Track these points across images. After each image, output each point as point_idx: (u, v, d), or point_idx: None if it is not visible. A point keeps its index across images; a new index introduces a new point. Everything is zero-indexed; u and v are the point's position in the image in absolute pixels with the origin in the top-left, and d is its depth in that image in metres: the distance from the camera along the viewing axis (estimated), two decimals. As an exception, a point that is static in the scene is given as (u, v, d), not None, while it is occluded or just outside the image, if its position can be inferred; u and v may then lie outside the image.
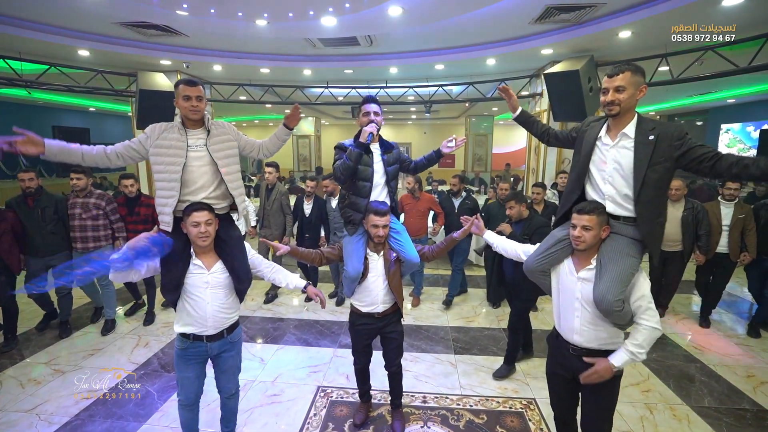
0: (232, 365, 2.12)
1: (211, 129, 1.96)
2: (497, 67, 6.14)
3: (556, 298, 1.84)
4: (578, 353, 1.74)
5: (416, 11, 4.17)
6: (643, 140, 1.57)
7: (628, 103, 1.59)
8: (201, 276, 1.92)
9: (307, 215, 4.45)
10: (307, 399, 2.81)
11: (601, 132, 1.70)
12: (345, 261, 2.27)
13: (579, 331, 1.72)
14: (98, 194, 3.69)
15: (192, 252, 1.93)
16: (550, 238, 1.85)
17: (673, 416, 2.63)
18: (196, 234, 1.83)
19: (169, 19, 4.38)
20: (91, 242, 3.62)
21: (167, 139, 1.87)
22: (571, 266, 1.74)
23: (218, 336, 2.00)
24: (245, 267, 2.06)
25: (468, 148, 13.62)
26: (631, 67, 1.58)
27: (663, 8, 3.79)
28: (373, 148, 2.29)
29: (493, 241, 2.16)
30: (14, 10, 4.22)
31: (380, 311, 2.31)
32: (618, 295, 1.55)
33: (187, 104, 1.86)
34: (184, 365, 2.01)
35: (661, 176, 1.56)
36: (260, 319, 4.16)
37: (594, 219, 1.61)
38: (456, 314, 4.28)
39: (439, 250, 2.36)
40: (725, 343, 3.66)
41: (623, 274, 1.58)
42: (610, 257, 1.62)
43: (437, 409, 2.70)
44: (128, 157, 1.89)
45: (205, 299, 1.92)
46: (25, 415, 2.60)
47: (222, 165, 1.94)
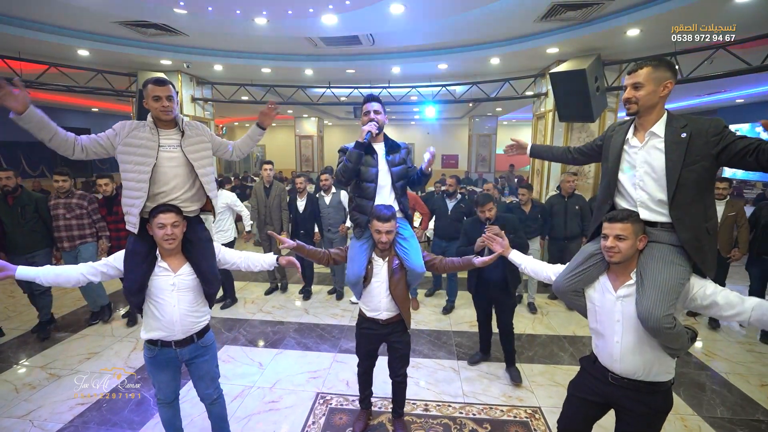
0: (207, 371, 2.06)
1: (186, 130, 1.90)
2: (501, 66, 6.05)
3: (593, 321, 1.66)
4: (619, 382, 1.55)
5: (418, 9, 4.10)
6: (675, 138, 1.43)
7: (647, 100, 1.48)
8: (167, 278, 1.87)
9: (301, 212, 4.48)
10: (306, 406, 2.74)
11: (628, 134, 1.58)
12: (348, 264, 2.22)
13: (620, 358, 1.53)
14: (80, 194, 3.74)
15: (158, 254, 1.88)
16: (580, 253, 1.69)
17: (684, 427, 2.54)
18: (162, 236, 1.79)
19: (168, 18, 4.33)
20: (78, 240, 3.70)
21: (137, 138, 1.81)
22: (608, 284, 1.56)
23: (188, 341, 1.95)
24: (213, 269, 2.00)
25: (471, 148, 13.54)
26: (653, 63, 1.47)
27: (671, 5, 3.70)
28: (377, 147, 2.22)
29: (520, 261, 1.95)
30: (13, 9, 4.18)
31: (384, 318, 2.23)
32: (667, 309, 1.36)
33: (157, 104, 1.80)
34: (156, 369, 1.98)
35: (701, 176, 1.41)
36: (260, 322, 4.10)
37: (629, 227, 1.45)
38: (459, 319, 4.20)
39: (452, 266, 2.21)
40: (737, 350, 3.55)
41: (670, 284, 1.38)
42: (652, 267, 1.44)
43: (439, 417, 2.62)
44: (92, 152, 1.80)
45: (171, 302, 1.87)
46: (19, 421, 2.55)
47: (198, 166, 1.90)
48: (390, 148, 2.24)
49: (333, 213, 4.47)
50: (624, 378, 1.54)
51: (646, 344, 1.48)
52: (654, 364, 1.50)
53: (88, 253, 3.70)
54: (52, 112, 10.47)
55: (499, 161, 13.94)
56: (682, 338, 1.44)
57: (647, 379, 1.51)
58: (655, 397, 1.52)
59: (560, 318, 4.21)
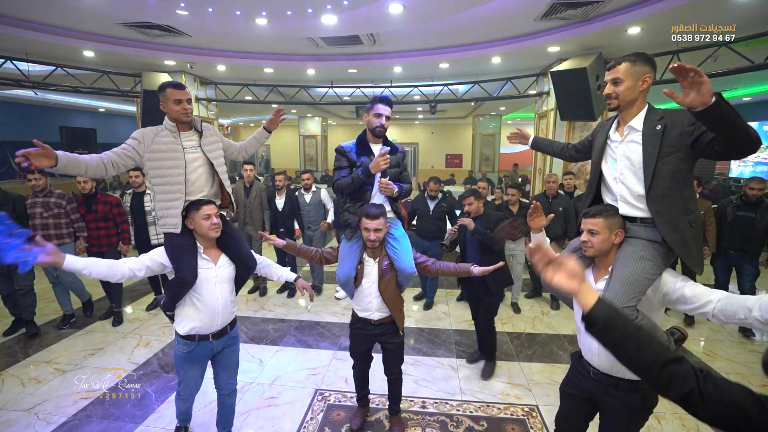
0: (233, 360, 2.16)
1: (203, 130, 1.98)
2: (503, 65, 6.03)
3: (576, 313, 1.68)
4: (599, 378, 1.57)
5: (417, 9, 4.11)
6: (651, 131, 1.44)
7: (626, 95, 1.49)
8: (209, 271, 1.94)
9: (280, 209, 4.52)
10: (305, 402, 2.77)
11: (610, 129, 1.61)
12: (338, 264, 2.22)
13: (598, 352, 1.55)
14: (58, 193, 3.66)
15: (199, 248, 1.94)
16: (568, 247, 1.75)
17: (682, 426, 2.53)
18: (209, 226, 1.86)
19: (171, 19, 4.39)
20: (55, 240, 3.56)
21: (162, 143, 1.87)
22: (590, 277, 1.59)
23: (222, 332, 2.03)
24: (249, 252, 2.10)
25: (475, 148, 13.51)
26: (630, 58, 1.48)
27: (673, 3, 3.67)
28: (375, 149, 2.20)
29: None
30: (21, 11, 4.26)
31: (375, 319, 2.24)
32: (626, 301, 1.36)
33: (179, 107, 1.86)
34: (189, 365, 2.04)
35: (677, 167, 1.40)
36: (261, 319, 4.15)
37: (600, 222, 1.48)
38: (459, 317, 4.21)
39: (447, 271, 2.21)
40: (739, 350, 3.52)
41: (634, 278, 1.40)
42: (620, 261, 1.47)
43: (436, 414, 2.63)
44: (123, 165, 1.86)
45: (215, 294, 1.95)
46: (24, 414, 2.61)
47: (217, 164, 2.00)
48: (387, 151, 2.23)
49: (313, 211, 4.57)
50: (604, 374, 1.56)
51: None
52: None
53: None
54: (59, 112, 10.50)
55: (503, 160, 13.90)
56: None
57: (626, 377, 1.51)
58: (634, 396, 1.51)
59: (561, 317, 4.21)
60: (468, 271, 2.14)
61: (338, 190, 2.17)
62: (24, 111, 9.83)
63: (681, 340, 1.55)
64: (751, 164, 9.92)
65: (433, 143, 16.65)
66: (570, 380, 1.77)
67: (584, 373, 1.65)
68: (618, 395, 1.54)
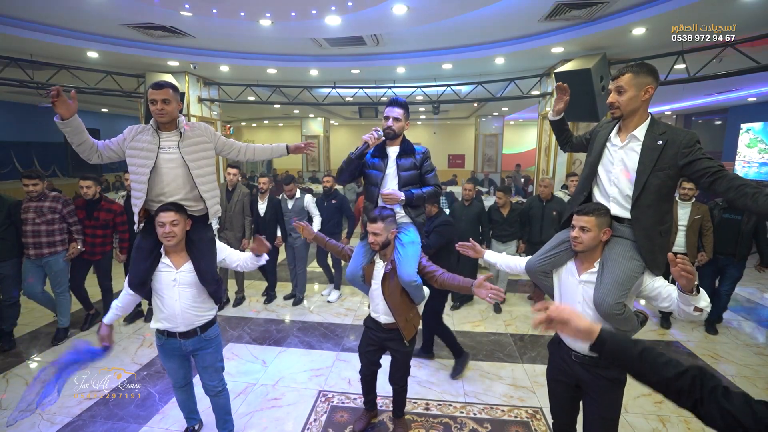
0: (210, 362, 2.16)
1: (184, 131, 1.94)
2: (506, 66, 6.02)
3: (557, 301, 1.79)
4: (580, 360, 1.67)
5: (421, 9, 4.10)
6: (651, 144, 1.53)
7: (629, 104, 1.56)
8: (169, 274, 1.97)
9: (262, 215, 4.36)
10: (308, 403, 2.77)
11: (611, 133, 1.67)
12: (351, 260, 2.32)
13: None
14: (53, 197, 3.47)
15: (162, 251, 1.98)
16: (554, 239, 1.81)
17: (688, 429, 2.51)
18: (161, 234, 1.88)
19: (175, 20, 4.40)
20: (46, 248, 3.40)
21: (140, 141, 1.89)
22: (573, 268, 1.70)
23: (191, 333, 2.06)
24: (211, 270, 2.06)
25: (478, 148, 13.49)
26: (634, 69, 1.54)
27: (678, 4, 3.65)
28: (391, 151, 2.20)
29: (495, 260, 2.05)
30: (26, 13, 4.28)
31: (383, 322, 2.25)
32: (618, 298, 1.51)
33: (153, 108, 1.86)
34: (165, 357, 2.14)
35: (663, 182, 1.52)
36: (264, 320, 4.15)
37: (592, 220, 1.57)
38: (462, 318, 4.20)
39: (452, 284, 2.06)
40: (745, 352, 3.50)
41: (624, 276, 1.53)
42: (611, 260, 1.58)
43: (440, 416, 2.63)
44: (107, 156, 1.92)
45: (173, 296, 1.97)
46: (29, 414, 2.62)
47: (194, 167, 1.94)
48: (403, 152, 2.19)
49: (296, 217, 4.42)
50: (585, 355, 1.65)
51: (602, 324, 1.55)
52: None
53: (57, 266, 3.50)
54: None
55: (506, 161, 13.87)
56: (631, 321, 1.59)
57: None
58: (611, 370, 1.63)
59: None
60: (469, 288, 1.97)
61: (336, 173, 2.29)
62: (30, 111, 9.89)
63: (643, 322, 1.71)
64: (756, 165, 9.86)
65: (436, 143, 16.64)
66: (555, 368, 1.84)
67: (566, 358, 1.74)
68: (598, 372, 1.64)
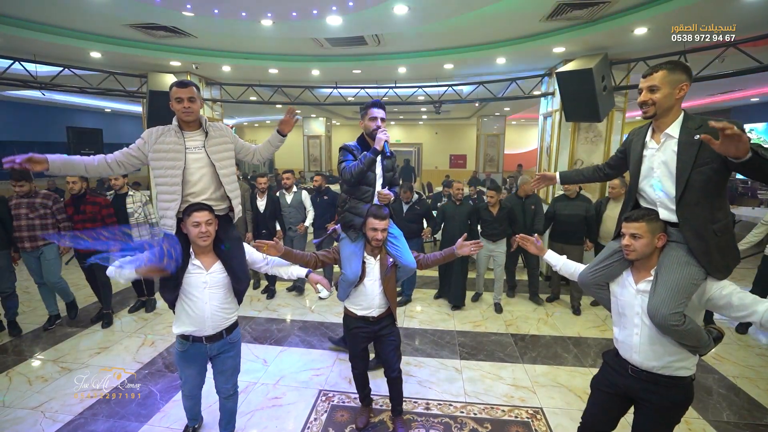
0: (230, 366, 2.14)
1: (209, 131, 1.96)
2: (508, 66, 6.01)
3: (615, 314, 1.73)
4: (638, 374, 1.60)
5: (422, 9, 4.10)
6: (688, 140, 1.45)
7: (663, 102, 1.50)
8: (199, 276, 1.93)
9: (262, 211, 4.54)
10: (309, 403, 2.77)
11: (646, 137, 1.61)
12: (343, 265, 2.24)
13: (639, 350, 1.58)
14: (44, 194, 3.68)
15: (191, 252, 1.94)
16: (606, 249, 1.74)
17: (689, 430, 2.51)
18: (197, 234, 1.84)
19: (177, 20, 4.41)
20: (41, 241, 3.61)
21: (165, 143, 1.88)
22: (630, 278, 1.62)
23: (217, 336, 2.02)
24: (243, 267, 2.08)
25: (480, 148, 13.47)
26: (668, 66, 1.49)
27: (680, 3, 3.63)
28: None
29: (555, 262, 1.97)
30: (29, 13, 4.30)
31: (375, 315, 2.31)
32: (674, 308, 1.40)
33: (179, 106, 1.86)
34: (185, 364, 2.07)
35: (709, 177, 1.41)
36: (265, 320, 4.16)
37: (643, 226, 1.50)
38: (463, 318, 4.20)
39: (436, 260, 2.35)
40: (747, 353, 3.49)
41: (681, 284, 1.42)
42: (665, 266, 1.49)
43: (440, 416, 2.63)
44: (128, 165, 1.91)
45: (203, 299, 1.93)
46: (31, 412, 2.63)
47: (220, 167, 1.96)
48: (385, 155, 2.28)
49: (294, 212, 4.60)
50: (643, 370, 1.58)
51: (664, 338, 1.51)
52: (671, 358, 1.53)
53: (52, 254, 3.69)
54: (65, 112, 10.59)
55: (507, 161, 13.84)
56: (695, 336, 1.46)
57: (665, 373, 1.54)
58: (674, 391, 1.55)
59: (565, 319, 4.19)
60: (452, 253, 2.26)
61: (347, 175, 2.17)
62: (31, 111, 9.93)
63: (719, 338, 1.59)
64: None
65: (437, 143, 16.61)
66: (604, 378, 1.78)
67: (621, 371, 1.67)
68: (657, 391, 1.57)
